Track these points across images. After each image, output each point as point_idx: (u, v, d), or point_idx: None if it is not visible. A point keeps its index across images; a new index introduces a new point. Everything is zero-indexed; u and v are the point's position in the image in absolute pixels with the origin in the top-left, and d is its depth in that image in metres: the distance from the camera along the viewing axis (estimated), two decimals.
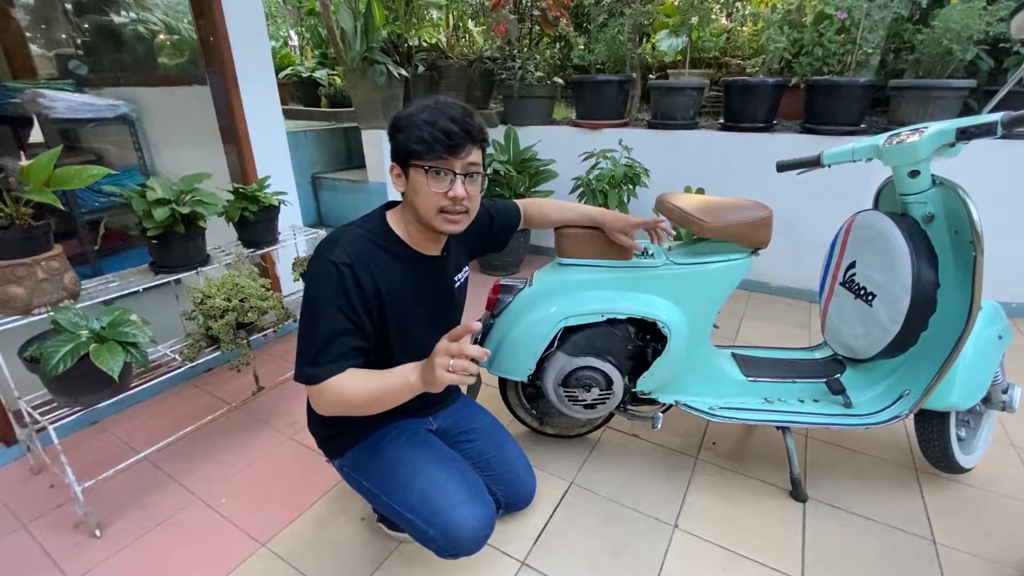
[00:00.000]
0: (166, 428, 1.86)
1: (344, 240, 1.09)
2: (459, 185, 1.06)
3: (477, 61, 3.59)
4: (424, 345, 1.12)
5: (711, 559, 1.39)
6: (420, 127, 1.02)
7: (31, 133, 2.10)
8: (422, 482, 1.18)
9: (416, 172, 1.05)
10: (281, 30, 5.63)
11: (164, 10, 2.65)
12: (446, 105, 1.05)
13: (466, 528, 1.13)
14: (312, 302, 1.07)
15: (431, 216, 1.08)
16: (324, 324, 1.05)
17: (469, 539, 1.14)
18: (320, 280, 1.06)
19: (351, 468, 1.28)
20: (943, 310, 1.35)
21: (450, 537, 1.13)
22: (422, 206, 1.08)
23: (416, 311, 1.18)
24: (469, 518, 1.14)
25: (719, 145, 2.98)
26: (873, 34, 2.66)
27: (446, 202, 1.06)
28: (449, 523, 1.13)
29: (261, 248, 1.99)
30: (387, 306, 1.12)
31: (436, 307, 1.25)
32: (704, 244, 1.53)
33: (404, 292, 1.14)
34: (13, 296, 1.34)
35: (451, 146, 1.03)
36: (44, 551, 1.43)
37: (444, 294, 1.27)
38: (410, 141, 1.03)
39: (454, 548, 1.14)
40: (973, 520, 1.50)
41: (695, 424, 1.90)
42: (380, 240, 1.13)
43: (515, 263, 3.44)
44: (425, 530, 1.14)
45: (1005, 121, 1.13)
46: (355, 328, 1.07)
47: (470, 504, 1.16)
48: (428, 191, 1.05)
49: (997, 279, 2.07)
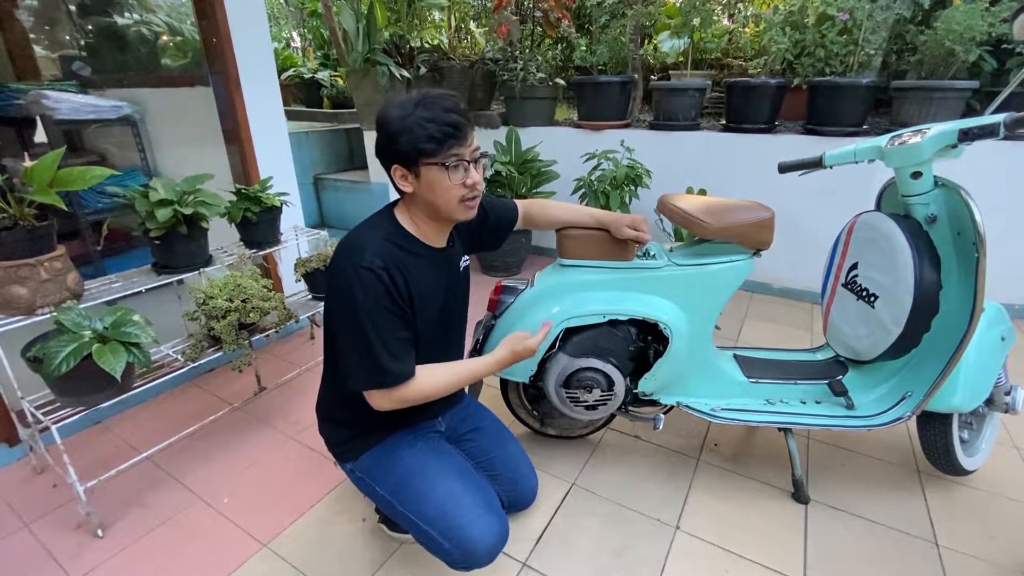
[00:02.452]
0: (168, 428, 1.86)
1: (370, 245, 1.09)
2: (473, 171, 1.09)
3: (479, 62, 3.59)
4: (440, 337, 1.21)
5: (713, 561, 1.38)
6: (424, 125, 1.01)
7: (35, 134, 2.11)
8: (439, 494, 1.18)
9: (430, 169, 1.05)
10: (284, 31, 5.64)
11: (167, 11, 2.66)
12: (438, 97, 1.04)
13: (483, 544, 1.14)
14: (358, 312, 1.06)
15: (453, 207, 1.10)
16: (385, 327, 1.07)
17: (485, 553, 1.15)
18: (360, 287, 1.05)
19: (364, 473, 1.27)
20: (946, 312, 1.35)
21: (467, 552, 1.13)
22: (442, 200, 1.09)
23: (438, 305, 1.21)
24: (487, 534, 1.14)
25: (721, 146, 2.98)
26: (875, 35, 2.66)
27: (466, 191, 1.09)
28: (467, 538, 1.13)
29: (263, 249, 1.99)
30: (416, 305, 1.14)
31: (451, 298, 1.28)
32: (706, 245, 1.53)
33: (427, 287, 1.17)
34: (17, 296, 1.35)
35: (460, 136, 1.04)
36: (47, 550, 1.43)
37: (456, 284, 1.29)
38: (419, 141, 1.02)
39: (468, 561, 1.15)
40: (976, 522, 1.49)
41: (697, 425, 1.90)
42: (399, 241, 1.14)
43: (517, 264, 3.44)
44: (441, 543, 1.14)
45: (1008, 122, 1.13)
46: (406, 326, 1.11)
47: (487, 519, 1.16)
48: (448, 184, 1.07)
49: (1001, 280, 2.07)
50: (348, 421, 1.27)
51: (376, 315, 1.06)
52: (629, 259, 1.49)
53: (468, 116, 1.07)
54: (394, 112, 1.04)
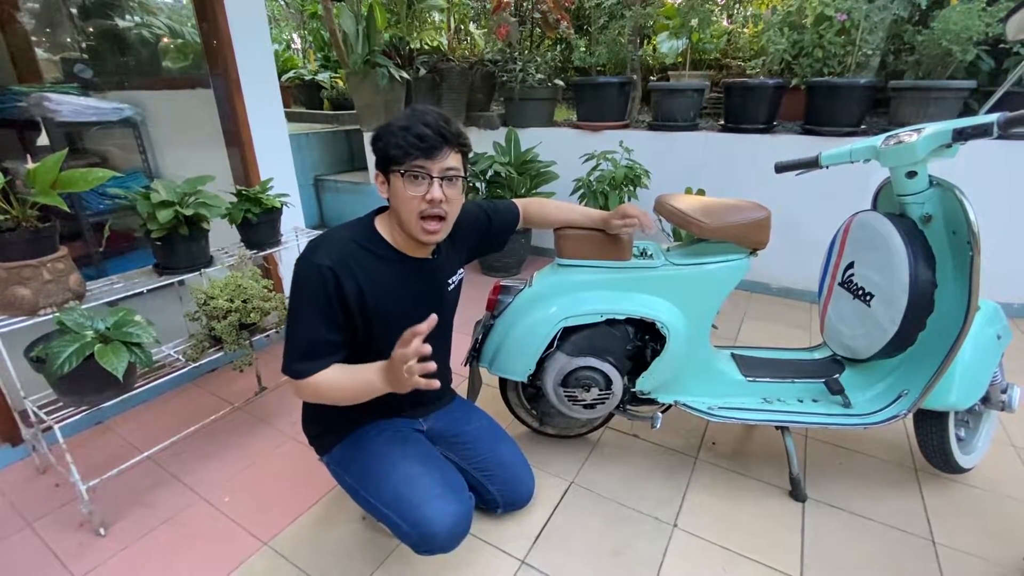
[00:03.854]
0: (169, 428, 1.87)
1: (328, 243, 1.14)
2: (436, 187, 1.09)
3: (478, 64, 3.61)
4: None
5: (711, 559, 1.39)
6: (396, 134, 1.06)
7: (37, 136, 2.12)
8: (397, 476, 1.20)
9: (395, 178, 1.10)
10: (284, 33, 5.66)
11: (168, 14, 2.68)
12: (422, 112, 1.08)
13: (438, 523, 1.13)
14: (296, 302, 1.12)
15: (412, 222, 1.12)
16: (307, 324, 1.10)
17: (442, 535, 1.14)
18: (303, 281, 1.11)
19: (336, 464, 1.32)
20: (941, 310, 1.35)
21: (422, 532, 1.13)
22: (403, 211, 1.12)
23: (401, 311, 1.19)
24: (441, 513, 1.14)
25: (720, 147, 2.99)
26: (873, 35, 2.67)
27: (424, 205, 1.10)
28: (421, 517, 1.13)
29: (264, 249, 2.00)
30: (369, 306, 1.15)
31: (424, 307, 1.25)
32: (703, 245, 1.54)
33: (388, 292, 1.18)
34: (20, 297, 1.36)
35: (425, 149, 1.06)
36: (49, 549, 1.44)
37: (433, 295, 1.29)
38: (388, 148, 1.07)
39: (428, 543, 1.15)
40: (973, 520, 1.50)
41: (695, 424, 1.90)
42: (365, 242, 1.17)
43: (516, 265, 3.45)
44: (399, 524, 1.15)
45: (1001, 122, 1.14)
46: (335, 328, 1.12)
47: (444, 500, 1.16)
48: (407, 195, 1.09)
49: (998, 280, 2.07)
50: (318, 416, 1.32)
51: (303, 311, 1.11)
52: (626, 258, 1.50)
53: (448, 135, 1.08)
54: (390, 120, 1.11)
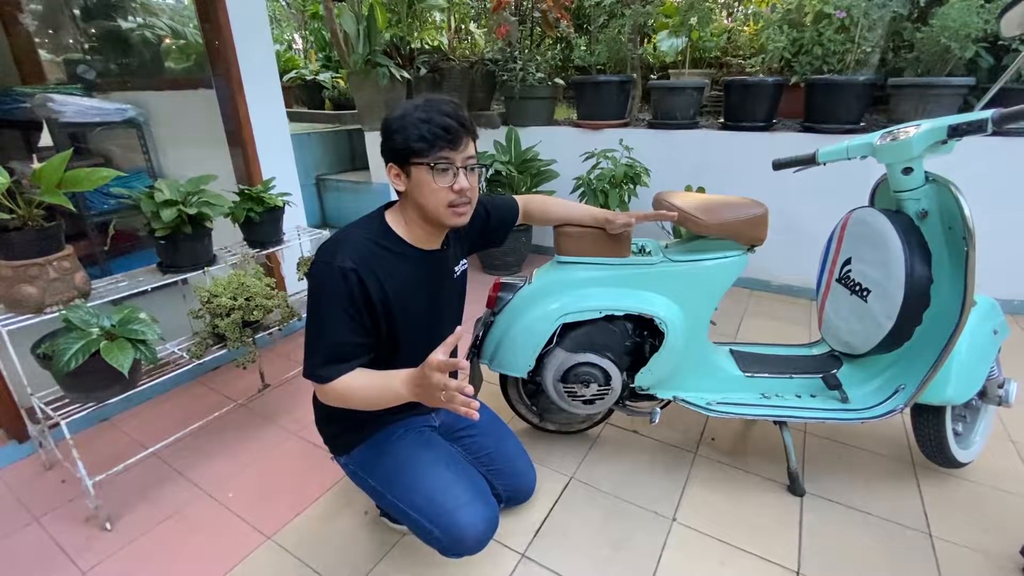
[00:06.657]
0: (174, 424, 1.89)
1: (346, 245, 1.11)
2: (463, 177, 1.09)
3: (479, 63, 3.62)
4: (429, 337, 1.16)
5: (709, 552, 1.41)
6: (418, 125, 1.04)
7: (41, 137, 2.14)
8: (428, 482, 1.20)
9: (419, 170, 1.07)
10: (285, 34, 5.67)
11: (170, 15, 2.70)
12: (438, 101, 1.07)
13: (471, 528, 1.15)
14: (319, 305, 1.10)
15: (440, 211, 1.11)
16: (332, 327, 1.09)
17: (473, 539, 1.16)
18: (326, 285, 1.09)
19: (356, 466, 1.30)
20: (937, 305, 1.36)
21: (454, 537, 1.15)
22: (430, 202, 1.10)
23: (422, 306, 1.21)
24: (474, 519, 1.16)
25: (719, 144, 3.00)
26: (872, 32, 2.67)
27: (453, 196, 1.09)
28: (454, 524, 1.15)
29: (266, 248, 2.02)
30: (394, 306, 1.14)
31: (441, 300, 1.28)
32: (701, 241, 1.55)
33: (410, 290, 1.17)
34: (26, 295, 1.38)
35: (451, 140, 1.05)
36: (56, 544, 1.46)
37: (447, 287, 1.29)
38: (410, 140, 1.05)
39: (458, 548, 1.17)
40: (970, 514, 1.51)
41: (694, 420, 1.92)
42: (383, 241, 1.15)
43: (517, 262, 3.46)
44: (430, 530, 1.17)
45: (995, 118, 1.15)
46: (361, 330, 1.11)
47: (475, 505, 1.18)
48: (434, 187, 1.08)
49: (996, 275, 2.08)
50: (337, 416, 1.29)
51: (327, 314, 1.09)
52: (625, 255, 1.51)
53: (467, 123, 1.08)
54: (397, 112, 1.08)
